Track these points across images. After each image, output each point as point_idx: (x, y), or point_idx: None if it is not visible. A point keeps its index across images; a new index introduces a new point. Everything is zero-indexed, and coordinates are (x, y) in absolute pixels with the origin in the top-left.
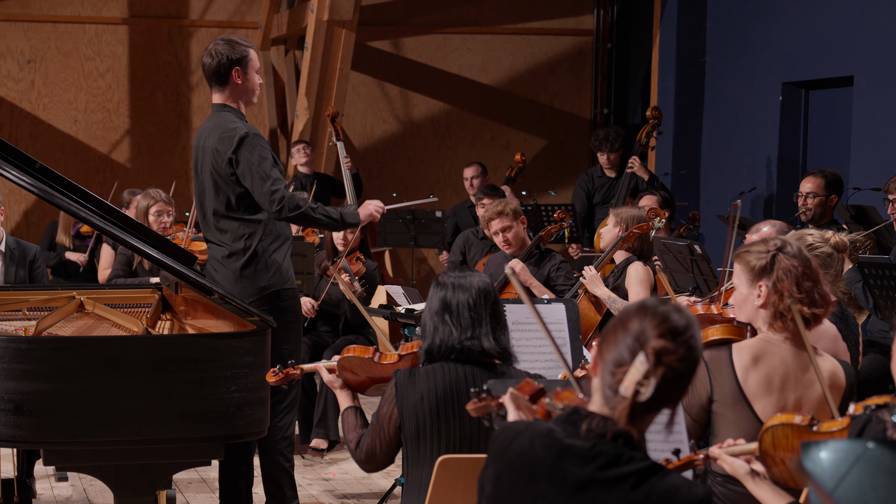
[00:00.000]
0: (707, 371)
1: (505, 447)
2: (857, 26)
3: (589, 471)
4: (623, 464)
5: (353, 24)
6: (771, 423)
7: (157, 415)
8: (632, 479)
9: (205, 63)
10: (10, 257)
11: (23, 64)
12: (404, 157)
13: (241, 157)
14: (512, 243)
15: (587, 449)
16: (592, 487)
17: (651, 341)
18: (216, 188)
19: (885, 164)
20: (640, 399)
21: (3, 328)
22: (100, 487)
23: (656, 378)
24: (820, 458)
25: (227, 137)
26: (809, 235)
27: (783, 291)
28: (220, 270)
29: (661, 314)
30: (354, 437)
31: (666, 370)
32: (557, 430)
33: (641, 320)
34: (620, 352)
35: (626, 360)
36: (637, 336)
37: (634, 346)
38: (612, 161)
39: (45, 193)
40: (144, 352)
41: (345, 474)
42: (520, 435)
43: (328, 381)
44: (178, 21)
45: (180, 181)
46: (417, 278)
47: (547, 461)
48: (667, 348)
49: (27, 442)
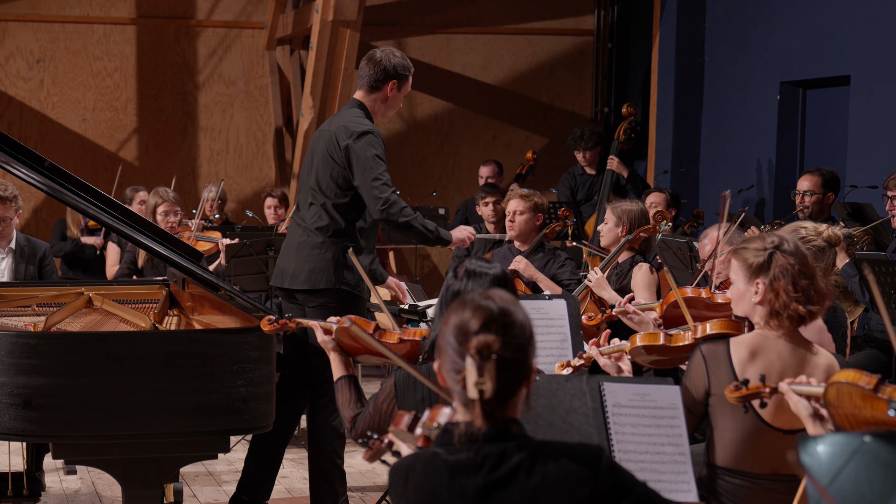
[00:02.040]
0: (705, 364)
1: (403, 486)
2: (854, 27)
3: (482, 477)
4: (509, 457)
5: (357, 25)
6: (837, 379)
7: (165, 409)
8: (523, 467)
9: (376, 58)
10: (20, 254)
11: (32, 63)
12: (408, 156)
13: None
14: (516, 227)
15: (473, 457)
16: (492, 492)
17: (471, 339)
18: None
19: (881, 162)
20: (486, 397)
21: (13, 324)
22: (108, 480)
23: (490, 373)
24: (816, 452)
25: (350, 127)
26: (803, 228)
27: (779, 290)
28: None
29: (473, 304)
30: (350, 414)
31: (497, 361)
32: (440, 451)
33: (459, 315)
34: (453, 359)
35: (461, 365)
36: (458, 336)
37: (460, 348)
38: (588, 159)
39: (54, 191)
40: (152, 347)
41: (349, 468)
42: (410, 470)
43: (321, 341)
44: (185, 21)
45: (187, 178)
46: (421, 275)
47: (443, 484)
48: (487, 341)
49: (36, 436)
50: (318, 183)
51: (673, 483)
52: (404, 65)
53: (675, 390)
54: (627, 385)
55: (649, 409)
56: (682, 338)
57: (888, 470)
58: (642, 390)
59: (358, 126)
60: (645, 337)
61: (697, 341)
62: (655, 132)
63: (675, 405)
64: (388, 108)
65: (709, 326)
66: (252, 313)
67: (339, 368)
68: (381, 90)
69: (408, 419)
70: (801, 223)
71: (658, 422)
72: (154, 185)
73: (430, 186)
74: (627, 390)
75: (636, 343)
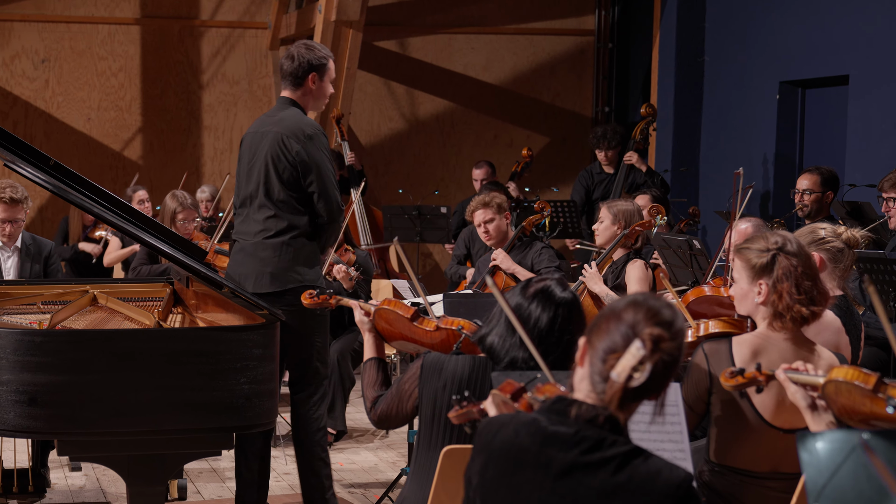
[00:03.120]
0: (707, 363)
1: (490, 439)
2: (853, 27)
3: (573, 455)
4: (606, 448)
5: (359, 25)
6: (835, 377)
7: (169, 406)
8: (614, 462)
9: (283, 64)
10: (25, 253)
11: (37, 63)
12: (410, 155)
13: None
14: (492, 235)
15: (571, 434)
16: (576, 472)
17: (647, 329)
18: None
19: (879, 161)
20: (632, 384)
21: (19, 321)
22: (113, 477)
23: (651, 363)
24: (816, 449)
25: (297, 129)
26: (822, 229)
27: (783, 292)
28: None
29: (654, 307)
30: (372, 394)
31: (661, 356)
32: (541, 418)
33: (635, 312)
34: (613, 340)
35: (618, 347)
36: (631, 325)
37: (629, 333)
38: (609, 158)
39: (59, 190)
40: (156, 345)
41: (352, 464)
42: (504, 426)
43: (359, 321)
44: (189, 21)
45: (191, 177)
46: (423, 273)
47: (532, 449)
48: (663, 336)
49: (41, 433)
50: (268, 185)
51: None
52: (319, 55)
53: (674, 388)
54: None
55: (649, 407)
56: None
57: (888, 466)
58: None
59: (308, 128)
60: None
61: (700, 339)
62: (656, 131)
63: (675, 402)
64: (317, 100)
65: (711, 325)
66: (255, 311)
67: (371, 349)
68: (304, 84)
69: (515, 387)
70: (820, 224)
71: (658, 419)
72: (158, 184)
73: (432, 185)
74: None
75: None
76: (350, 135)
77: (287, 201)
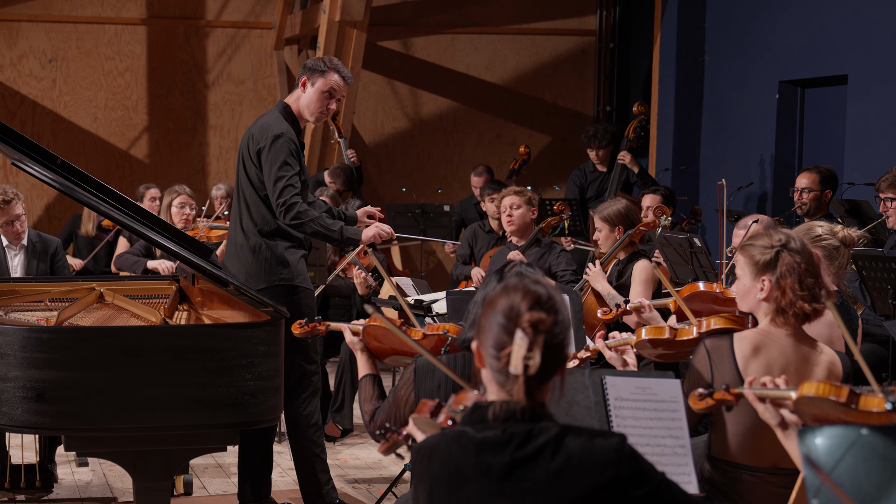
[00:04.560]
0: (708, 359)
1: (426, 464)
2: (852, 27)
3: (508, 455)
4: (536, 436)
5: (363, 25)
6: (807, 393)
7: (175, 402)
8: (549, 447)
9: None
10: (31, 250)
11: (44, 63)
12: (413, 153)
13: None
14: (515, 222)
15: (500, 435)
16: (517, 469)
17: (524, 315)
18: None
19: (877, 160)
20: (531, 373)
21: (26, 319)
22: (119, 472)
23: (539, 348)
24: (815, 444)
25: (266, 128)
26: (819, 227)
27: (786, 288)
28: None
29: (524, 288)
30: (370, 408)
31: (546, 337)
32: (467, 429)
33: (507, 299)
34: (497, 335)
35: (506, 342)
36: (508, 314)
37: (509, 325)
38: (601, 157)
39: (66, 188)
40: (162, 341)
41: (356, 460)
42: (436, 448)
43: (350, 342)
44: (195, 21)
45: (196, 176)
46: (426, 270)
47: (469, 460)
48: (541, 318)
49: (49, 428)
50: (242, 184)
51: (674, 475)
52: (319, 63)
53: (675, 384)
54: (629, 379)
55: (650, 403)
56: (686, 332)
57: (885, 462)
58: (643, 384)
59: (276, 129)
60: (651, 331)
61: (701, 336)
62: (656, 130)
63: (676, 398)
64: (308, 106)
65: (713, 322)
66: (260, 308)
67: (364, 367)
68: (297, 87)
69: (431, 406)
70: (817, 222)
71: (659, 415)
72: (164, 182)
73: (435, 184)
74: (629, 384)
75: (642, 336)
76: (354, 134)
77: (259, 200)
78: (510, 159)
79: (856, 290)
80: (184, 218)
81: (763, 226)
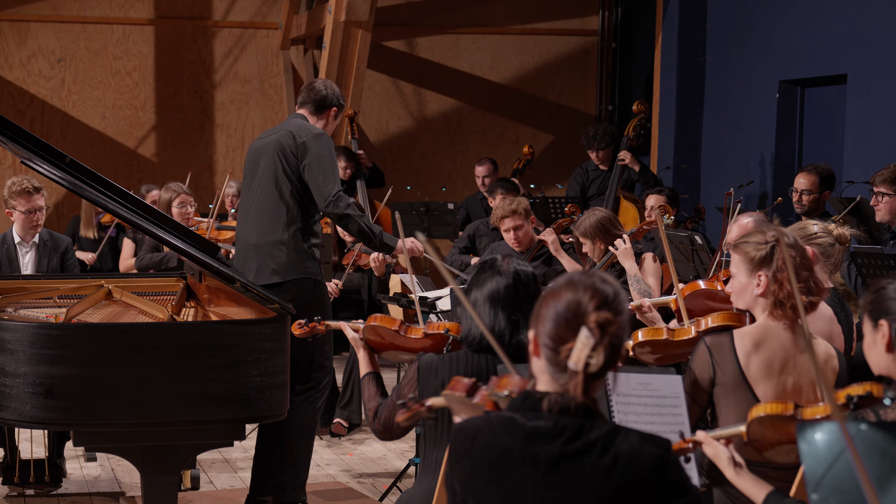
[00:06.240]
0: (710, 355)
1: (469, 445)
2: (851, 27)
3: (557, 447)
4: (587, 432)
5: (368, 25)
6: (756, 415)
7: (182, 398)
8: (599, 444)
9: (316, 88)
10: (43, 248)
11: (53, 63)
12: (418, 152)
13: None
14: (522, 242)
15: (551, 427)
16: (564, 462)
17: (591, 314)
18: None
19: (876, 159)
20: (591, 371)
21: (35, 315)
22: (127, 467)
23: (604, 348)
24: (814, 439)
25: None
26: (814, 225)
27: (783, 281)
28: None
29: (591, 286)
30: (373, 406)
31: (611, 338)
32: (516, 416)
33: (574, 294)
34: (559, 329)
35: (567, 337)
36: (574, 310)
37: (574, 321)
38: (601, 158)
39: (75, 186)
40: (170, 338)
41: (361, 454)
42: (480, 430)
43: (351, 339)
44: (202, 22)
45: (203, 174)
46: (430, 267)
47: (515, 447)
48: (608, 319)
49: (58, 424)
50: (278, 179)
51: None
52: (342, 96)
53: (677, 380)
54: (631, 374)
55: (652, 398)
56: (685, 332)
57: (884, 457)
58: (645, 380)
59: (316, 129)
60: (648, 332)
61: (700, 334)
62: (658, 129)
63: (678, 394)
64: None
65: (710, 319)
66: (266, 305)
67: (366, 365)
68: (325, 115)
69: (467, 384)
70: (811, 221)
71: (661, 410)
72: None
73: (440, 182)
74: (631, 380)
75: (638, 338)
76: (359, 133)
77: (291, 194)
78: (513, 158)
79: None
80: (185, 217)
81: (755, 222)
